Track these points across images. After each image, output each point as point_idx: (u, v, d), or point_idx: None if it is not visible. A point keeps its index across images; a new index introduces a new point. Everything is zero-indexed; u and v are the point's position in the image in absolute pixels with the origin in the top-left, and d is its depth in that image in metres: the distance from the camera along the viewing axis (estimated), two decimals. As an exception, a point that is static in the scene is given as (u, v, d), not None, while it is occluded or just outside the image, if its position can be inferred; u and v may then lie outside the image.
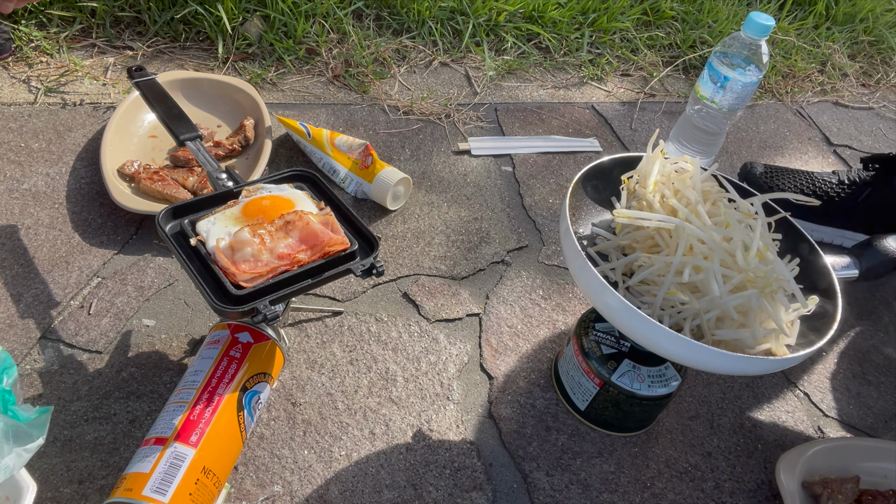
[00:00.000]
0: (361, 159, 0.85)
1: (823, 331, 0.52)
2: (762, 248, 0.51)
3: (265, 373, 0.59)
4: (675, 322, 0.52)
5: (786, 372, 0.78)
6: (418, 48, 1.17)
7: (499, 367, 0.71)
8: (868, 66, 1.46)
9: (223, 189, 0.62)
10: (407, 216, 0.86)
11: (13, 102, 0.90)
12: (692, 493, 0.63)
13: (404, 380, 0.68)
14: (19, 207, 0.76)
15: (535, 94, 1.16)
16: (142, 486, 0.48)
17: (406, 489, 0.59)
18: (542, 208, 0.92)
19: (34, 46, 0.99)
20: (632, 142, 1.10)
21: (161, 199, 0.77)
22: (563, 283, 0.82)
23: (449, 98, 1.09)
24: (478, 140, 1.01)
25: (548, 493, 0.61)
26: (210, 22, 1.05)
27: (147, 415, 0.60)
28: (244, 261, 0.54)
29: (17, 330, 0.65)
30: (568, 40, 1.27)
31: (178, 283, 0.73)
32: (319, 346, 0.69)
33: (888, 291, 0.91)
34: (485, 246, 0.85)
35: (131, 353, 0.65)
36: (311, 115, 0.99)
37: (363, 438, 0.63)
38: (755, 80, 0.91)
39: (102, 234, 0.76)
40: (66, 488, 0.55)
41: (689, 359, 0.49)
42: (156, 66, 1.01)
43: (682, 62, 1.31)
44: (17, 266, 0.70)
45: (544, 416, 0.67)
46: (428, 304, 0.76)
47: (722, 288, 0.49)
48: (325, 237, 0.56)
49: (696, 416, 0.70)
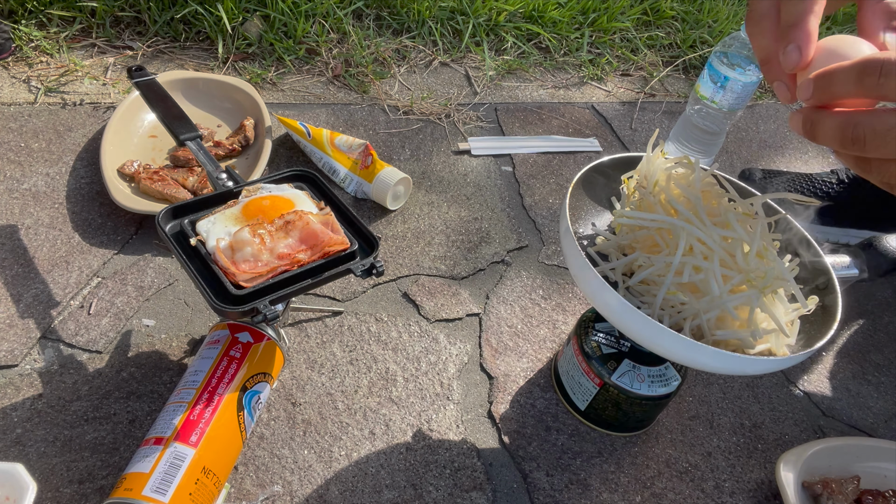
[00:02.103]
0: (361, 159, 0.85)
1: (823, 331, 0.51)
2: (762, 248, 0.51)
3: (265, 373, 0.59)
4: (675, 322, 0.52)
5: (786, 372, 0.78)
6: (418, 48, 1.17)
7: (499, 367, 0.71)
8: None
9: (223, 189, 0.62)
10: (407, 216, 0.86)
11: (13, 102, 0.90)
12: (692, 493, 0.63)
13: (404, 380, 0.68)
14: (19, 207, 0.76)
15: (535, 93, 1.16)
16: (142, 485, 0.48)
17: (406, 489, 0.59)
18: (542, 208, 0.92)
19: (34, 46, 0.98)
20: (632, 142, 1.10)
21: (161, 199, 0.77)
22: (563, 283, 0.82)
23: (449, 98, 1.09)
24: (478, 140, 1.01)
25: (548, 493, 0.61)
26: (210, 22, 1.05)
27: (147, 415, 0.60)
28: (244, 261, 0.54)
29: (17, 330, 0.65)
30: (568, 40, 1.27)
31: (178, 283, 0.73)
32: (319, 346, 0.69)
33: (888, 291, 0.91)
34: (485, 246, 0.85)
35: (131, 353, 0.65)
36: (311, 115, 0.99)
37: (363, 438, 0.63)
38: (755, 80, 0.91)
39: (102, 234, 0.76)
40: (66, 488, 0.55)
41: (689, 359, 0.49)
42: (156, 66, 1.01)
43: (682, 62, 1.31)
44: (17, 266, 0.70)
45: (544, 416, 0.67)
46: (428, 304, 0.76)
47: (722, 288, 0.49)
48: (325, 237, 0.56)
49: (696, 416, 0.70)
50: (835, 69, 0.34)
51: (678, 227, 0.50)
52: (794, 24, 0.36)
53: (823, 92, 0.35)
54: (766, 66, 0.39)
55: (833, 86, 0.34)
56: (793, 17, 0.37)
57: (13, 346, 0.64)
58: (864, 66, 0.33)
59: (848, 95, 0.34)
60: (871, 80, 0.32)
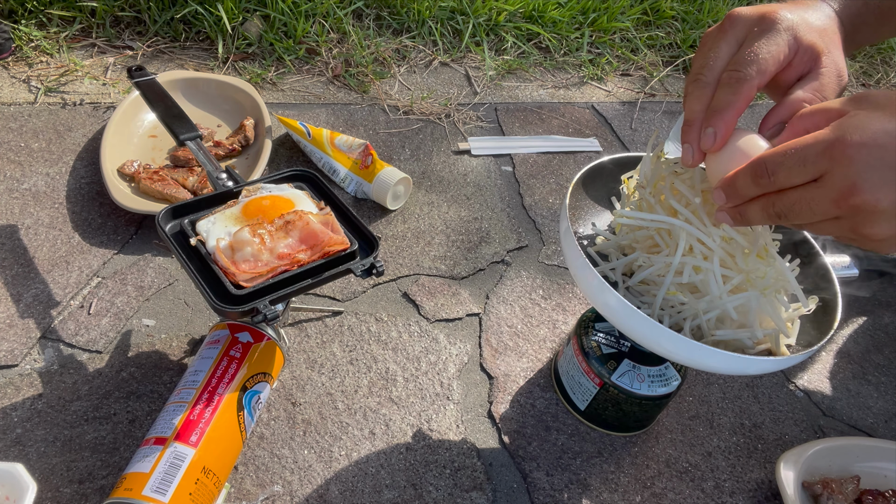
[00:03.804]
0: (361, 159, 0.85)
1: (823, 331, 0.51)
2: (762, 249, 0.51)
3: (265, 373, 0.59)
4: (675, 322, 0.52)
5: (786, 372, 0.78)
6: (418, 48, 1.17)
7: (499, 367, 0.71)
8: (868, 65, 1.46)
9: (223, 189, 0.62)
10: (407, 216, 0.86)
11: (13, 102, 0.90)
12: (692, 493, 0.63)
13: (404, 380, 0.68)
14: (19, 207, 0.76)
15: (535, 93, 1.16)
16: (142, 485, 0.48)
17: (406, 489, 0.59)
18: (542, 208, 0.92)
19: (34, 46, 0.98)
20: (632, 142, 1.10)
21: (161, 199, 0.77)
22: (563, 283, 0.82)
23: (449, 98, 1.09)
24: (478, 140, 1.01)
25: (548, 493, 0.61)
26: (210, 22, 1.05)
27: (147, 415, 0.60)
28: (244, 260, 0.54)
29: (17, 330, 0.65)
30: (568, 40, 1.27)
31: (178, 283, 0.73)
32: (319, 346, 0.69)
33: (888, 291, 0.91)
34: (485, 246, 0.85)
35: (131, 353, 0.65)
36: (311, 115, 0.99)
37: (363, 438, 0.63)
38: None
39: (102, 233, 0.76)
40: (66, 488, 0.55)
41: (689, 359, 0.49)
42: (156, 66, 1.01)
43: (682, 62, 1.31)
44: (17, 266, 0.70)
45: (544, 416, 0.67)
46: (428, 303, 0.76)
47: (721, 288, 0.49)
48: (325, 237, 0.56)
49: (696, 416, 0.70)
50: (734, 176, 0.42)
51: (678, 227, 0.50)
52: (720, 111, 0.44)
53: (733, 196, 0.42)
54: (689, 127, 0.46)
55: (738, 189, 0.42)
56: (721, 104, 0.44)
57: (13, 346, 0.64)
58: (753, 169, 0.40)
59: (752, 195, 0.41)
60: (764, 180, 0.40)
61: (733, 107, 0.43)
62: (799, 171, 0.38)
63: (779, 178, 0.39)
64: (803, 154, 0.38)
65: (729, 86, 0.44)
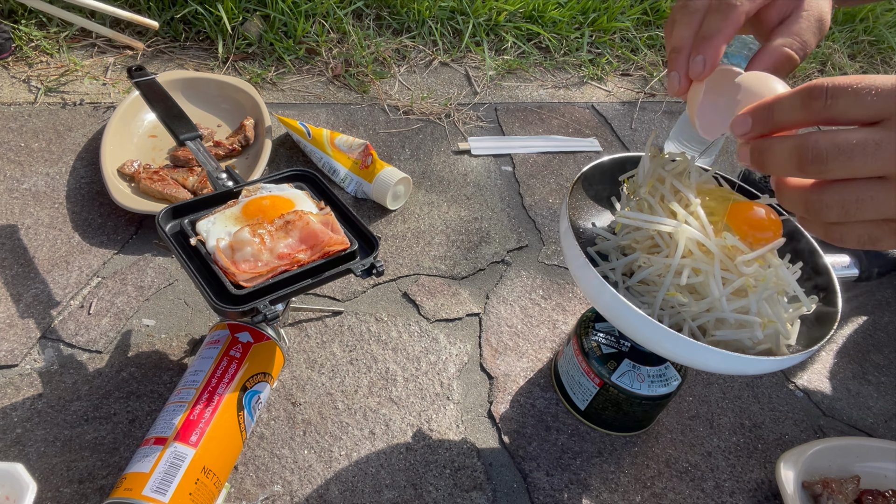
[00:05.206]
0: (361, 159, 0.85)
1: (823, 331, 0.51)
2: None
3: (265, 373, 0.59)
4: (674, 322, 0.52)
5: (786, 372, 0.78)
6: (418, 48, 1.17)
7: (499, 367, 0.71)
8: (868, 66, 1.46)
9: (223, 189, 0.62)
10: (407, 216, 0.86)
11: (13, 102, 0.90)
12: (692, 493, 0.63)
13: (404, 380, 0.68)
14: (19, 207, 0.76)
15: (535, 93, 1.16)
16: (142, 485, 0.48)
17: (406, 489, 0.59)
18: (542, 208, 0.92)
19: (34, 46, 0.98)
20: (632, 142, 1.10)
21: (161, 199, 0.77)
22: (563, 283, 0.82)
23: (449, 98, 1.09)
24: (478, 140, 1.01)
25: (548, 493, 0.61)
26: (210, 22, 1.05)
27: (147, 414, 0.60)
28: (244, 260, 0.54)
29: (17, 330, 0.65)
30: (568, 40, 1.27)
31: (178, 282, 0.73)
32: (319, 346, 0.69)
33: (888, 291, 0.91)
34: (485, 246, 0.85)
35: (131, 353, 0.65)
36: (311, 115, 0.99)
37: (363, 438, 0.63)
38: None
39: (102, 233, 0.76)
40: (66, 488, 0.55)
41: (689, 359, 0.49)
42: (156, 66, 1.01)
43: (682, 62, 1.30)
44: (17, 266, 0.70)
45: (544, 416, 0.67)
46: (428, 303, 0.76)
47: (721, 291, 0.49)
48: (325, 237, 0.56)
49: (696, 416, 0.70)
50: (776, 99, 0.36)
51: (677, 229, 0.50)
52: (709, 38, 0.42)
53: (765, 123, 0.36)
54: (676, 55, 0.44)
55: (776, 115, 0.35)
56: (711, 30, 0.42)
57: (13, 346, 0.64)
58: (809, 91, 0.34)
59: (792, 123, 0.35)
60: (818, 103, 0.33)
61: (722, 33, 0.42)
62: (869, 103, 0.32)
63: (839, 104, 0.33)
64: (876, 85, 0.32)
65: (719, 11, 0.42)
